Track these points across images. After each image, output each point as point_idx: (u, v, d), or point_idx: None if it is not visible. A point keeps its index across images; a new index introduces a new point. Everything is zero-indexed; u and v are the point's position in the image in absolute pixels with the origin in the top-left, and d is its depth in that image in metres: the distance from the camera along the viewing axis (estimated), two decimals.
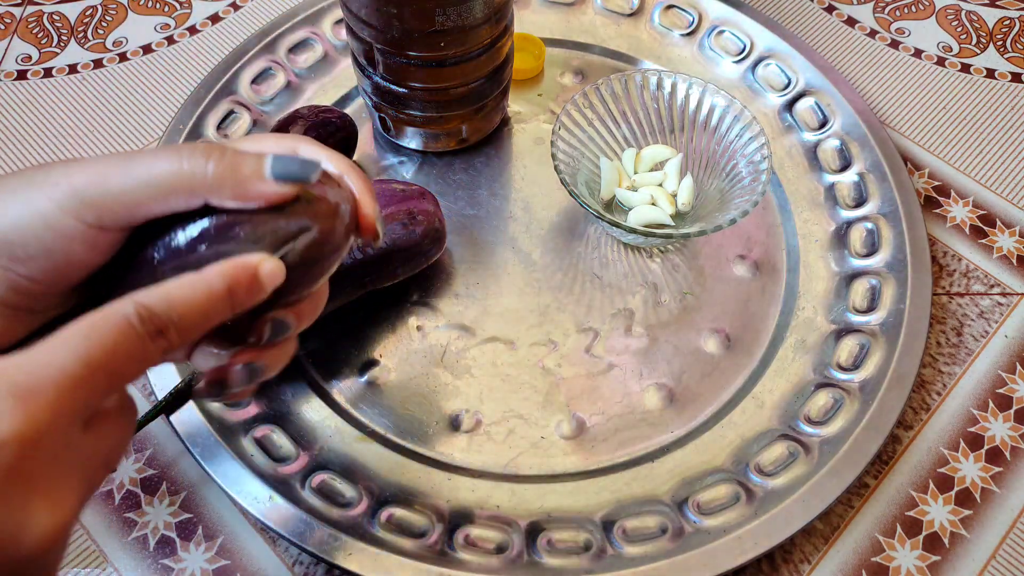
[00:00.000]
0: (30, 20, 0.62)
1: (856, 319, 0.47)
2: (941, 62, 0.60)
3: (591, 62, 0.59)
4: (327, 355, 0.46)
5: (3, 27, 0.62)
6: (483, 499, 0.41)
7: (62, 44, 0.61)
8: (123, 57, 0.60)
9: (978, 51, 0.61)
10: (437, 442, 0.43)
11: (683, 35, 0.59)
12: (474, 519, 0.41)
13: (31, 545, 0.19)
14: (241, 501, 0.39)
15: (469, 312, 0.47)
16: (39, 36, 0.61)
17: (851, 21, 0.63)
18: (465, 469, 0.43)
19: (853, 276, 0.48)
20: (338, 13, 0.58)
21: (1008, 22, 0.63)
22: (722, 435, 0.44)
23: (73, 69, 0.59)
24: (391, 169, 0.53)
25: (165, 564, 0.40)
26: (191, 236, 0.26)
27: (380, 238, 0.29)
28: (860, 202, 0.51)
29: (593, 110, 0.50)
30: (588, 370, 0.46)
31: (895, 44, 0.61)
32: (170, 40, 0.61)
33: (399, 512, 0.40)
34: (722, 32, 0.59)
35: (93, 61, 0.59)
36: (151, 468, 0.43)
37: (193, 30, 0.61)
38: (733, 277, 0.49)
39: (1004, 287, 0.50)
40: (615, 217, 0.48)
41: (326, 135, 0.49)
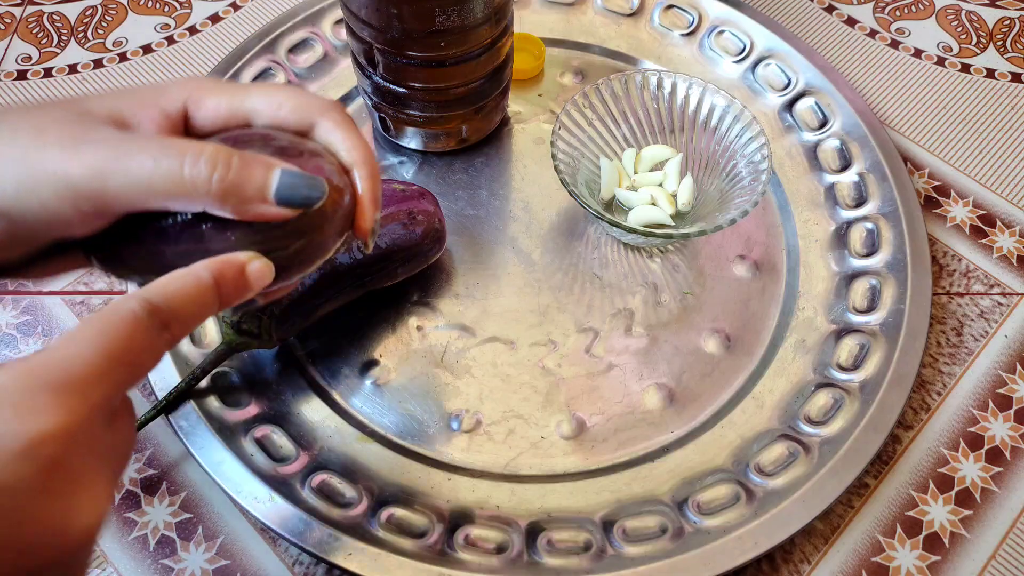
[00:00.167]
0: (30, 20, 0.62)
1: (856, 319, 0.47)
2: (941, 62, 0.60)
3: (591, 62, 0.59)
4: (327, 355, 0.46)
5: (3, 27, 0.62)
6: (483, 499, 0.41)
7: (62, 44, 0.61)
8: (123, 57, 0.60)
9: (978, 51, 0.61)
10: (437, 442, 0.43)
11: (683, 35, 0.59)
12: (474, 519, 0.41)
13: (78, 536, 0.20)
14: (241, 501, 0.39)
15: (469, 312, 0.47)
16: (39, 36, 0.61)
17: (851, 21, 0.63)
18: (465, 469, 0.43)
19: (853, 276, 0.48)
20: (338, 13, 0.58)
21: (1008, 22, 0.63)
22: (722, 435, 0.44)
23: (73, 69, 0.59)
24: (391, 169, 0.53)
25: (165, 564, 0.40)
26: (184, 231, 0.26)
27: (371, 245, 0.29)
28: (860, 202, 0.51)
29: (593, 110, 0.50)
30: (588, 370, 0.46)
31: (895, 44, 0.61)
32: (170, 40, 0.61)
33: (399, 512, 0.40)
34: (722, 32, 0.59)
35: (93, 61, 0.59)
36: (151, 468, 0.43)
37: (193, 30, 0.61)
38: (733, 277, 0.49)
39: (1004, 287, 0.50)
40: (615, 217, 0.48)
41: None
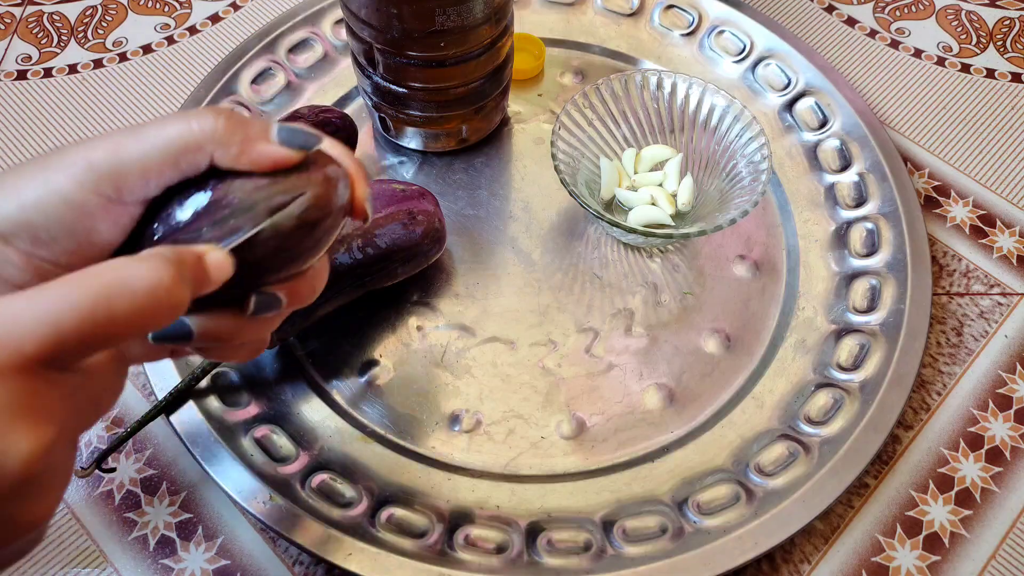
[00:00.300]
0: (30, 20, 0.62)
1: (856, 319, 0.47)
2: (941, 62, 0.60)
3: (591, 62, 0.59)
4: (327, 355, 0.46)
5: (3, 27, 0.62)
6: (483, 499, 0.41)
7: (62, 44, 0.61)
8: (123, 57, 0.60)
9: (978, 51, 0.61)
10: (437, 442, 0.43)
11: (683, 35, 0.59)
12: (474, 519, 0.41)
13: (12, 468, 0.21)
14: (241, 501, 0.39)
15: (469, 312, 0.47)
16: (39, 36, 0.61)
17: (851, 21, 0.63)
18: (465, 469, 0.43)
19: (853, 276, 0.48)
20: (338, 13, 0.58)
21: (1008, 22, 0.63)
22: (722, 435, 0.44)
23: (73, 69, 0.59)
24: (391, 169, 0.53)
25: (165, 564, 0.40)
26: (188, 206, 0.27)
27: (369, 219, 0.31)
28: (860, 202, 0.51)
29: (593, 110, 0.50)
30: (588, 370, 0.46)
31: (895, 44, 0.61)
32: (170, 40, 0.61)
33: (399, 512, 0.40)
34: (722, 32, 0.59)
35: (93, 61, 0.59)
36: (151, 468, 0.43)
37: (193, 30, 0.61)
38: (733, 277, 0.49)
39: (1004, 287, 0.50)
40: (615, 217, 0.48)
41: (326, 135, 0.49)
